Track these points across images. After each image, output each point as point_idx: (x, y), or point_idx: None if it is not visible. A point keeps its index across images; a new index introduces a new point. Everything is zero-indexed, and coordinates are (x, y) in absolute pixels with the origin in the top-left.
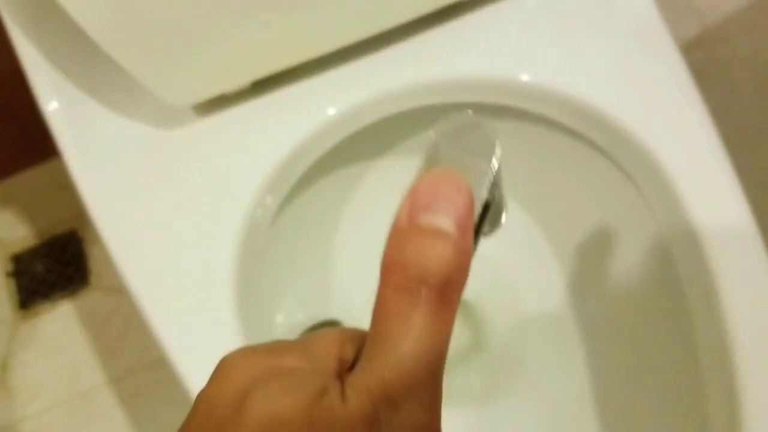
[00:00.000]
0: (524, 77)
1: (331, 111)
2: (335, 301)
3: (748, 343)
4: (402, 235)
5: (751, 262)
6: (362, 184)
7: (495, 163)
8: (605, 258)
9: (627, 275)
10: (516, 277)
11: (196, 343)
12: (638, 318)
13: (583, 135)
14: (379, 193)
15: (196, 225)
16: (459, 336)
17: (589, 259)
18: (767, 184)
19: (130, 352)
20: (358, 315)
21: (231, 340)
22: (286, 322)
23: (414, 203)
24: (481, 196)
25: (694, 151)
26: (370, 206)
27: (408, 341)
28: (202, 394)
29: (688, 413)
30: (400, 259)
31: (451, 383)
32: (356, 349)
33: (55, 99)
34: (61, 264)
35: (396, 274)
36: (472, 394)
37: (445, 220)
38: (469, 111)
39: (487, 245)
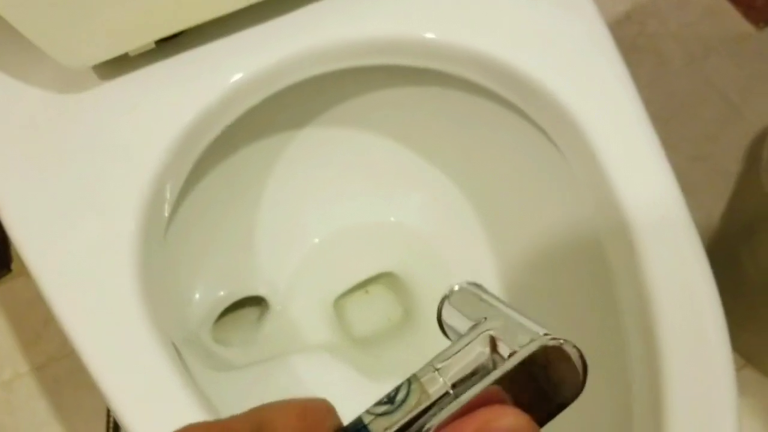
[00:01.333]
0: (429, 35)
1: (241, 74)
2: (257, 275)
3: (667, 306)
4: None
5: (671, 222)
6: (282, 152)
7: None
8: (531, 224)
9: (552, 241)
10: (445, 247)
11: (98, 326)
12: (563, 283)
13: (500, 96)
14: (298, 163)
15: (95, 198)
16: (392, 311)
17: (516, 226)
18: (697, 155)
19: (53, 340)
20: (283, 289)
21: (134, 323)
22: (205, 299)
23: None
24: None
25: (614, 112)
26: (290, 177)
27: None
28: None
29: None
30: None
31: (384, 357)
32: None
33: None
34: None
35: None
36: (405, 366)
37: None
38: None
39: (415, 217)
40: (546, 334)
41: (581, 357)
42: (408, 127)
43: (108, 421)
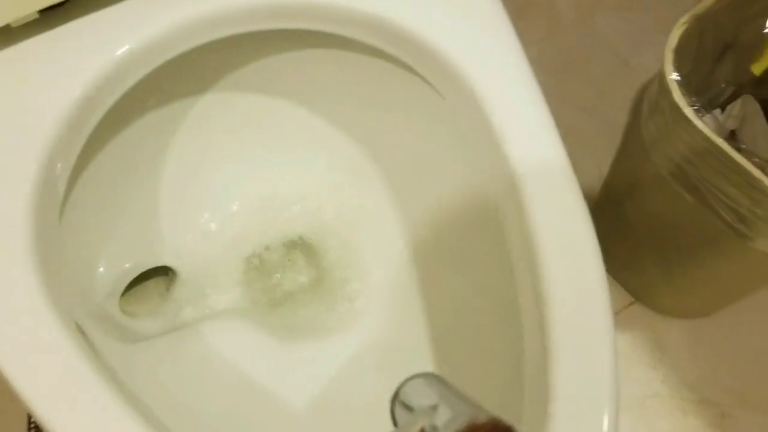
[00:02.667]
0: None
1: (130, 45)
2: (163, 245)
3: (551, 256)
4: None
5: (555, 178)
6: (182, 119)
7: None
8: (433, 184)
9: (453, 200)
10: (352, 209)
11: None
12: (464, 239)
13: (398, 58)
14: (199, 130)
15: None
16: (301, 273)
17: (420, 186)
18: (588, 108)
19: None
20: (189, 258)
21: (32, 308)
22: (110, 272)
23: None
24: None
25: (503, 75)
26: (191, 144)
27: None
28: None
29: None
30: None
31: (296, 318)
32: None
33: None
34: None
35: None
36: (317, 326)
37: None
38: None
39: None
40: (473, 416)
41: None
42: (310, 90)
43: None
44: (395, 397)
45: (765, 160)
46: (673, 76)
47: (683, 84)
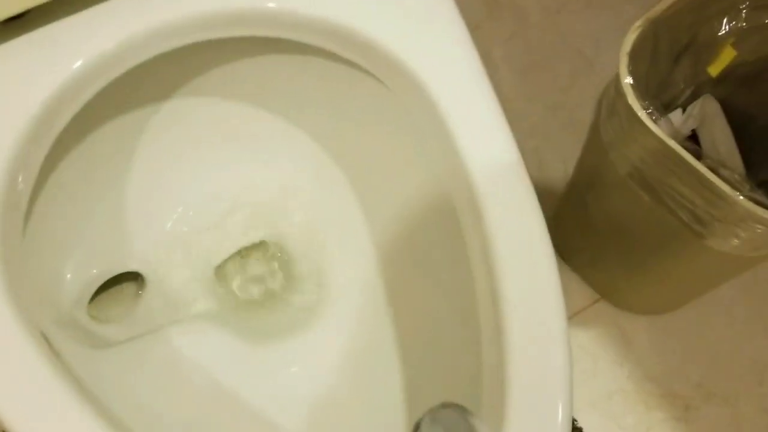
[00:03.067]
0: (270, 4)
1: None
2: (129, 251)
3: (505, 256)
4: None
5: (510, 180)
6: (145, 126)
7: None
8: (395, 187)
9: (415, 202)
10: (317, 211)
11: None
12: (426, 239)
13: (354, 62)
14: (162, 136)
15: None
16: (272, 277)
17: (382, 189)
18: (554, 106)
19: None
20: (157, 263)
21: None
22: (77, 279)
23: None
24: None
25: (458, 80)
26: (155, 150)
27: None
28: None
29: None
30: None
31: (266, 321)
32: None
33: None
34: None
35: None
36: (287, 329)
37: None
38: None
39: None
40: None
41: None
42: (272, 95)
43: None
44: (420, 422)
45: (718, 162)
46: (628, 80)
47: (640, 86)
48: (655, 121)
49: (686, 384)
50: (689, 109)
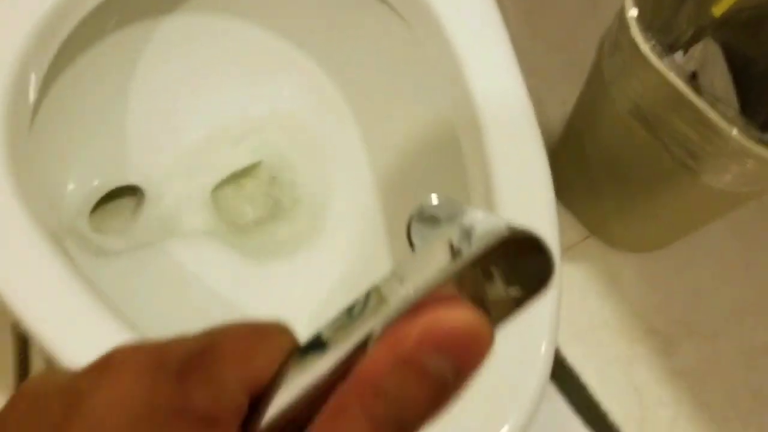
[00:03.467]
0: None
1: None
2: (131, 165)
3: (504, 186)
4: (402, 361)
5: (513, 110)
6: (150, 41)
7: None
8: (397, 111)
9: (416, 126)
10: (318, 134)
11: None
12: (426, 165)
13: None
14: (168, 52)
15: None
16: (270, 196)
17: (383, 115)
18: (556, 46)
19: None
20: (157, 179)
21: (13, 216)
22: (79, 189)
23: (431, 336)
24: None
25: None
26: (160, 65)
27: None
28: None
29: None
30: (390, 387)
31: (263, 239)
32: (272, 362)
33: None
34: None
35: (377, 398)
36: (284, 246)
37: (452, 376)
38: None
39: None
40: (507, 228)
41: (545, 247)
42: (276, 15)
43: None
44: (411, 219)
45: (716, 98)
46: (633, 12)
47: (644, 23)
48: (658, 57)
49: (669, 321)
50: (690, 51)
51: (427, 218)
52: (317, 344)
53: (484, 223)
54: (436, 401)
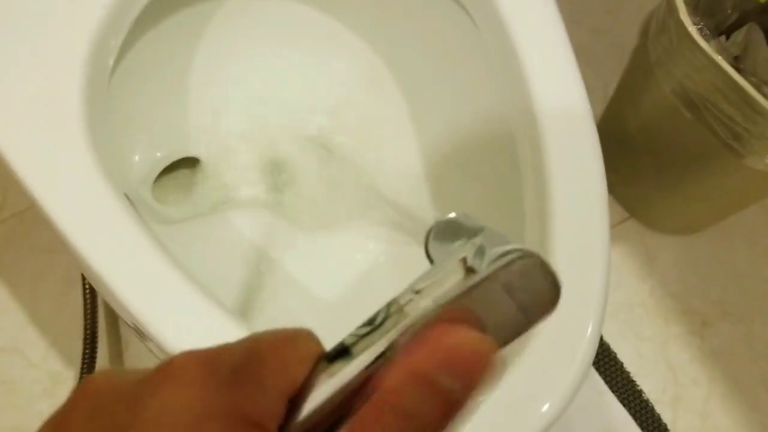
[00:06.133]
0: None
1: None
2: (191, 137)
3: (560, 180)
4: (415, 378)
5: (572, 112)
6: (212, 17)
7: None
8: (450, 104)
9: (469, 121)
10: (369, 117)
11: (59, 182)
12: (475, 157)
13: None
14: (229, 29)
15: (40, 55)
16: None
17: (437, 105)
18: (598, 29)
19: None
20: (216, 151)
21: (90, 179)
22: (144, 160)
23: (438, 356)
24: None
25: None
26: (221, 41)
27: None
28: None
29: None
30: (406, 404)
31: (319, 213)
32: (305, 368)
33: None
34: None
35: (395, 415)
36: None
37: (460, 391)
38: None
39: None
40: (517, 251)
41: (552, 272)
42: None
43: (84, 283)
44: (429, 234)
45: (762, 81)
46: None
47: (691, 6)
48: (704, 39)
49: (704, 302)
50: (734, 35)
51: (446, 234)
52: (342, 352)
53: (497, 245)
54: (447, 415)
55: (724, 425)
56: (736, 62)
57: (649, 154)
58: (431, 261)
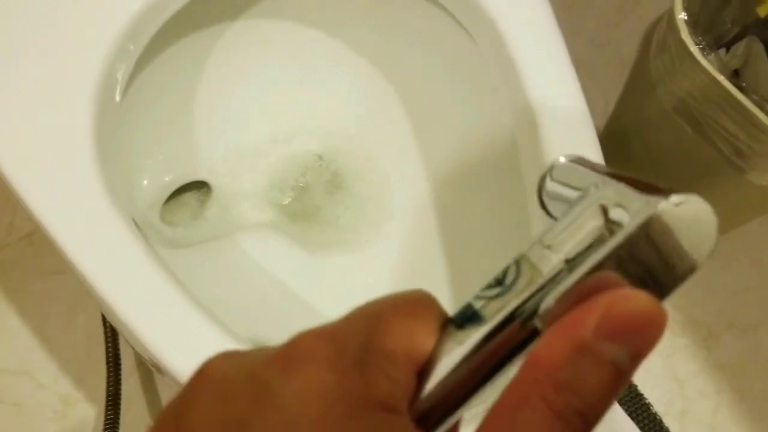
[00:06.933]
0: None
1: None
2: (199, 161)
3: None
4: (581, 350)
5: (573, 121)
6: (217, 42)
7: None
8: (452, 119)
9: (472, 134)
10: (373, 136)
11: (68, 210)
12: (481, 172)
13: None
14: (233, 53)
15: (50, 84)
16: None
17: (439, 120)
18: (598, 42)
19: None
20: (223, 174)
21: (98, 204)
22: (153, 184)
23: (609, 323)
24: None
25: (528, 15)
26: (225, 64)
27: None
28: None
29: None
30: (570, 378)
31: (326, 236)
32: (430, 336)
33: None
34: None
35: (558, 391)
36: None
37: (628, 362)
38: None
39: (343, 106)
40: (668, 194)
41: (711, 213)
42: (337, 18)
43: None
44: (543, 180)
45: (764, 98)
46: (682, 15)
47: (691, 21)
48: (705, 57)
49: (709, 313)
50: (734, 48)
51: (561, 180)
52: (471, 316)
53: (639, 193)
54: (615, 389)
55: None
56: (736, 76)
57: (651, 170)
58: (546, 211)
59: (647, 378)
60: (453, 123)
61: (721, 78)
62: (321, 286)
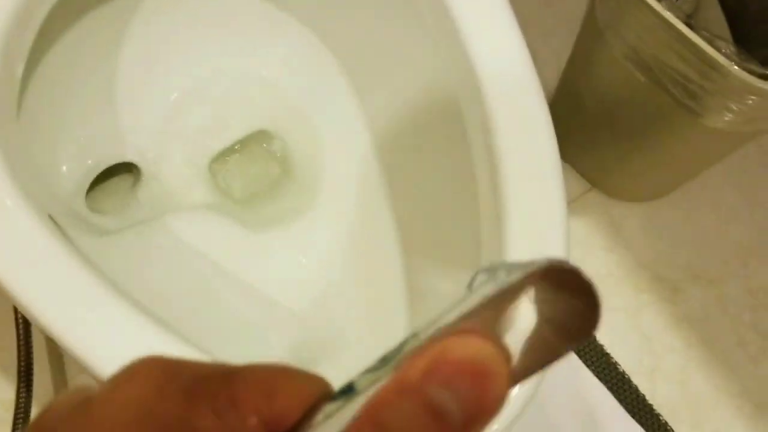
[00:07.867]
0: None
1: None
2: (124, 141)
3: (509, 152)
4: (404, 391)
5: (517, 76)
6: (133, 13)
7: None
8: (392, 79)
9: (414, 95)
10: (312, 102)
11: None
12: (424, 130)
13: None
14: (153, 20)
15: None
16: (268, 167)
17: (379, 81)
18: (548, 2)
19: None
20: (153, 154)
21: (9, 203)
22: (73, 170)
23: (438, 369)
24: None
25: None
26: (146, 34)
27: None
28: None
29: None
30: (389, 419)
31: (264, 211)
32: (296, 404)
33: None
34: None
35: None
36: (285, 217)
37: (459, 414)
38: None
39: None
40: (547, 260)
41: (590, 284)
42: None
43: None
44: (470, 285)
45: (713, 35)
46: None
47: None
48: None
49: (675, 268)
50: None
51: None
52: (346, 389)
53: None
54: None
55: (704, 391)
56: (688, 21)
57: (605, 123)
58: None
59: (614, 336)
60: (396, 88)
61: (669, 15)
62: (258, 265)
